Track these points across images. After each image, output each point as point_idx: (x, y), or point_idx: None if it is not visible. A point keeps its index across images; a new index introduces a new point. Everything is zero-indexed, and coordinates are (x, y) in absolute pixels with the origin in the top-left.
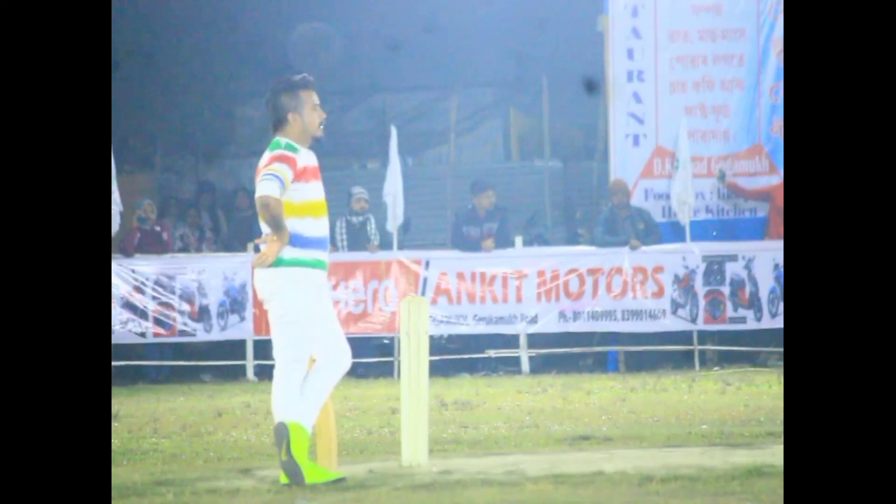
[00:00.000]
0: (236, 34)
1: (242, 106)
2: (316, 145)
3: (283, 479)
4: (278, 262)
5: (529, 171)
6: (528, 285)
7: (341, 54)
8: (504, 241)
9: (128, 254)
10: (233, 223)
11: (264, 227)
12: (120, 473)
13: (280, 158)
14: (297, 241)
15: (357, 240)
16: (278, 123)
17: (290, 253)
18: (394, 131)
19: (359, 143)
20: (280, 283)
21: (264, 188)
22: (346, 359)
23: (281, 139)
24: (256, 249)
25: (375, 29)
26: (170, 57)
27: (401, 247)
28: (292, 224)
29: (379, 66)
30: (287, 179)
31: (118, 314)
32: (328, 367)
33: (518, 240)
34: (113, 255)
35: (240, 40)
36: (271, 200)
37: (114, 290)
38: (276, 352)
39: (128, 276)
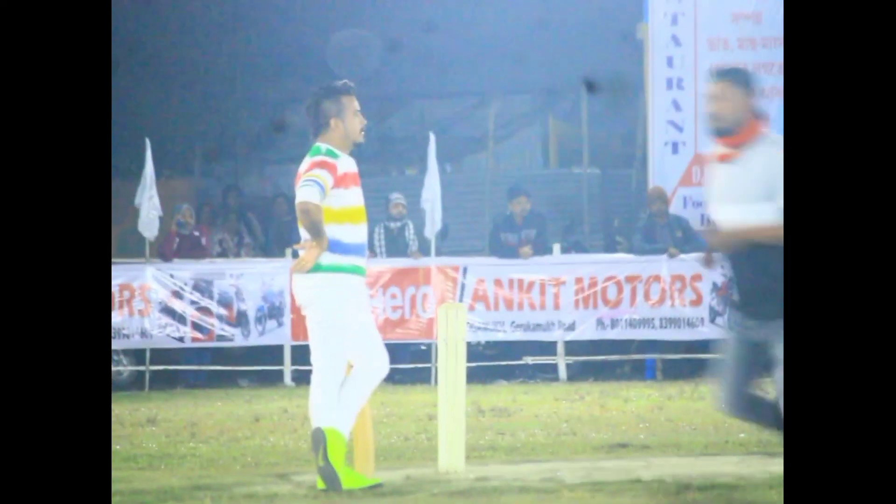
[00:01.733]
0: (276, 40)
1: (282, 112)
2: (355, 151)
3: (320, 485)
4: (317, 268)
5: (568, 178)
6: (566, 292)
7: (380, 61)
8: (542, 248)
9: (166, 258)
10: (272, 228)
11: (303, 233)
12: (158, 478)
13: (320, 164)
14: (335, 247)
15: (395, 246)
16: (319, 129)
17: (328, 259)
18: (432, 138)
19: (398, 150)
20: (318, 289)
21: (304, 194)
22: (383, 365)
23: (321, 145)
24: (295, 255)
25: (415, 36)
26: (210, 62)
27: (439, 253)
28: (331, 230)
29: (418, 72)
30: (327, 185)
31: (157, 318)
32: (366, 372)
33: (556, 247)
34: (151, 260)
35: (280, 46)
36: (311, 206)
37: (152, 295)
38: (313, 357)
39: (166, 280)
